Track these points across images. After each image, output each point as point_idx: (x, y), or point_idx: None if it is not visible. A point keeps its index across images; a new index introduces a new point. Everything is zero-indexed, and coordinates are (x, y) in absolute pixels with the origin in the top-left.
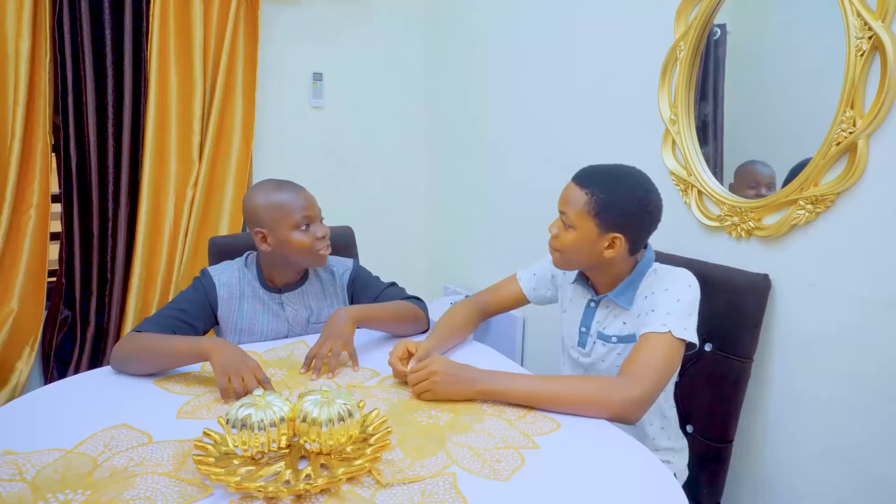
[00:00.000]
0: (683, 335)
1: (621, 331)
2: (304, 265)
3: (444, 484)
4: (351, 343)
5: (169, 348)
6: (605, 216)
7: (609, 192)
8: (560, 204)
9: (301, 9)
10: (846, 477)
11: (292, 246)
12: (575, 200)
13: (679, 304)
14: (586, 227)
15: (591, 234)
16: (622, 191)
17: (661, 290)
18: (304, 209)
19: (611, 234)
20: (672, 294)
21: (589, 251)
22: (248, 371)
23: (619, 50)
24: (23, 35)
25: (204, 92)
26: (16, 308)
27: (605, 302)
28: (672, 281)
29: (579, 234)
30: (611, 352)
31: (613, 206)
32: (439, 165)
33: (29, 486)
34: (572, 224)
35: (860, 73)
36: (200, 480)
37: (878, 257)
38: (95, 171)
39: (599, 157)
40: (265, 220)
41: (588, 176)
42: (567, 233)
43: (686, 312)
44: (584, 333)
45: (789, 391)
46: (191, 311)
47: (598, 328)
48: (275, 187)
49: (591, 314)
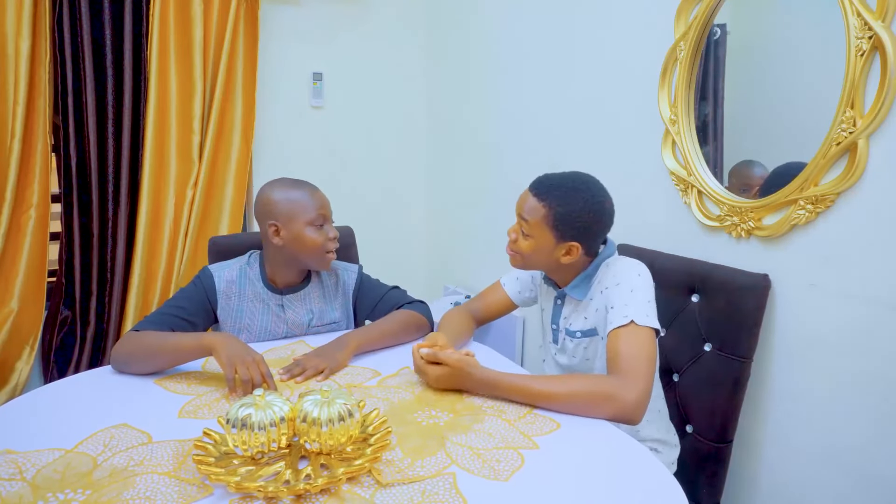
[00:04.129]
0: (646, 322)
1: (584, 325)
2: (310, 266)
3: (444, 484)
4: (336, 370)
5: (172, 345)
6: (562, 228)
7: (566, 205)
8: (518, 209)
9: (301, 9)
10: (846, 477)
11: (305, 242)
12: (532, 211)
13: (633, 293)
14: (544, 236)
15: (549, 244)
16: (578, 203)
17: (612, 284)
18: (320, 207)
19: (567, 242)
20: (624, 286)
21: (546, 258)
22: (254, 363)
23: (618, 50)
24: (23, 35)
25: (204, 92)
26: (16, 308)
27: (568, 298)
28: (622, 274)
29: (536, 242)
30: (577, 346)
31: (570, 218)
32: (439, 165)
33: (29, 486)
34: (530, 233)
35: (860, 73)
36: (200, 480)
37: (878, 257)
38: (95, 171)
39: (599, 157)
40: (280, 213)
41: (545, 188)
42: (525, 240)
43: (643, 300)
44: (555, 331)
45: (789, 391)
46: (190, 308)
47: (564, 324)
48: (292, 184)
49: (559, 311)
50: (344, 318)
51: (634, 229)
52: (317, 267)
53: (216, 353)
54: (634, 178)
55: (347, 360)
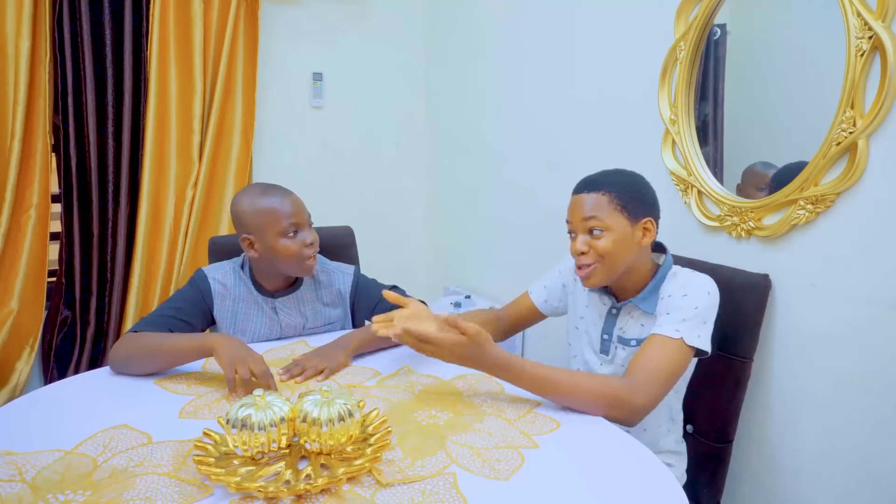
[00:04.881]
0: (696, 343)
1: (640, 333)
2: (291, 273)
3: (444, 484)
4: (336, 370)
5: (171, 346)
6: (630, 206)
7: (621, 184)
8: (578, 217)
9: (301, 9)
10: (846, 477)
11: (279, 253)
12: (596, 205)
13: (696, 311)
14: (619, 223)
15: (626, 228)
16: (628, 178)
17: (679, 294)
18: (291, 215)
19: (641, 220)
20: (690, 300)
21: (629, 246)
22: (255, 362)
23: (618, 50)
24: (23, 35)
25: (204, 92)
26: (16, 308)
27: (628, 308)
28: (692, 287)
29: (616, 232)
30: (630, 355)
31: (632, 192)
32: (439, 165)
33: (29, 487)
34: (606, 227)
35: (860, 73)
36: (200, 480)
37: (878, 257)
38: (95, 171)
39: (599, 157)
40: (252, 225)
41: (593, 181)
42: (601, 239)
43: (701, 319)
44: (606, 341)
45: (789, 391)
46: (187, 309)
47: (618, 333)
48: (261, 192)
49: (613, 321)
50: (340, 320)
51: None
52: (298, 274)
53: (216, 354)
54: None
55: (348, 360)
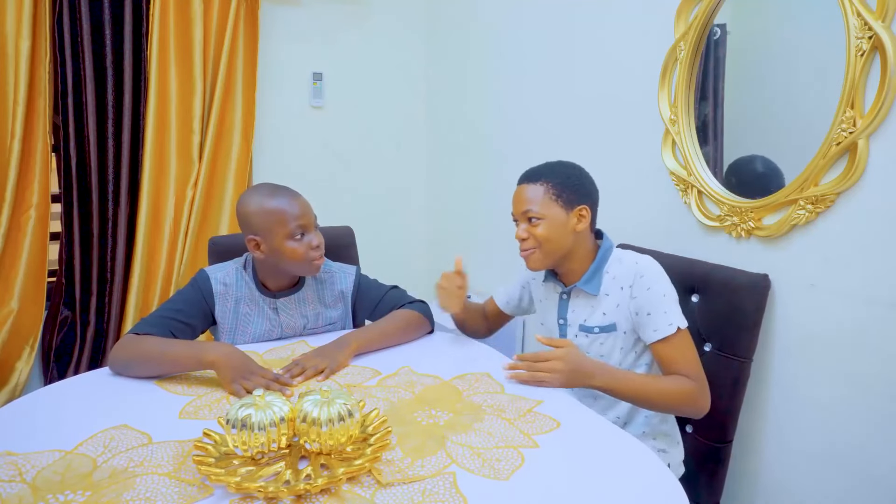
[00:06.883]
0: (684, 323)
1: (602, 321)
2: (297, 273)
3: (444, 483)
4: (337, 370)
5: (170, 355)
6: (565, 195)
7: (557, 175)
8: (519, 207)
9: (301, 9)
10: (846, 477)
11: (286, 255)
12: (534, 195)
13: (666, 297)
14: (553, 211)
15: (561, 215)
16: (565, 169)
17: (642, 289)
18: (298, 217)
19: (575, 208)
20: (656, 291)
21: (564, 232)
22: (257, 376)
23: (618, 50)
24: (23, 35)
25: (204, 92)
26: (16, 308)
27: (576, 291)
28: (649, 277)
29: (550, 221)
30: (593, 342)
31: (567, 182)
32: (439, 165)
33: (29, 487)
34: (541, 216)
35: (860, 73)
36: (200, 481)
37: (878, 257)
38: (95, 171)
39: (599, 157)
40: (258, 227)
41: (533, 174)
42: (539, 227)
43: (673, 300)
44: (562, 325)
45: (789, 391)
46: (188, 310)
47: (578, 320)
48: (269, 193)
49: (566, 305)
50: (341, 321)
51: (634, 229)
52: (304, 273)
53: (217, 370)
54: (634, 178)
55: (348, 360)
